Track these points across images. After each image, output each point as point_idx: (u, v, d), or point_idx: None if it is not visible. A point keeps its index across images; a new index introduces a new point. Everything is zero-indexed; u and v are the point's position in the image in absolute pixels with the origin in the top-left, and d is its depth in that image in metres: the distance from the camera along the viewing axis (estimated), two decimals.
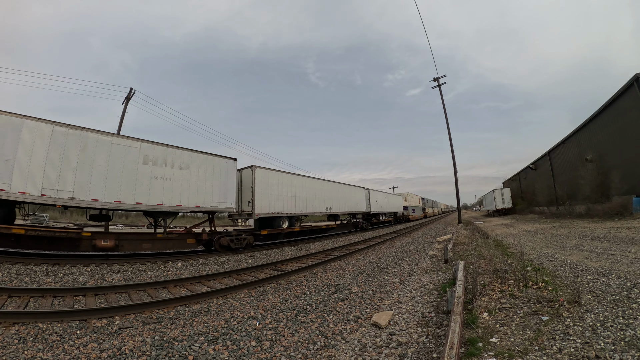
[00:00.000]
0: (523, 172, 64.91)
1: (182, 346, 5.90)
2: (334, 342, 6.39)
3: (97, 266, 13.38)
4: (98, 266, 13.39)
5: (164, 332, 6.63)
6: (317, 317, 7.85)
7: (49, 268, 12.28)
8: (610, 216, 24.54)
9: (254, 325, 7.15)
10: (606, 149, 30.04)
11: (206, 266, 15.27)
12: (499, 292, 7.99)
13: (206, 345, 6.02)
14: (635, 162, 25.36)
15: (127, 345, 5.80)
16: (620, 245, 13.14)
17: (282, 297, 9.57)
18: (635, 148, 25.34)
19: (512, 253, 12.54)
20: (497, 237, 20.54)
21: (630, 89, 24.97)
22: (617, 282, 7.98)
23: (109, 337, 6.31)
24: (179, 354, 5.60)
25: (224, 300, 9.39)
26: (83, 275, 11.94)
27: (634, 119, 25.02)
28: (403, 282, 11.19)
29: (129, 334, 6.51)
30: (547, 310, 6.49)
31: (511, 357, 4.81)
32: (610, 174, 27.58)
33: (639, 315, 5.73)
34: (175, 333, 6.56)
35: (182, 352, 5.66)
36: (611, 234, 16.75)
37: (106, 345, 5.80)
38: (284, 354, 5.81)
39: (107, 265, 13.73)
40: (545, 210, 41.19)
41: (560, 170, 43.09)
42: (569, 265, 10.50)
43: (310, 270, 13.86)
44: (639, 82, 23.72)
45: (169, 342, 6.03)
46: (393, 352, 5.70)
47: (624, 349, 4.66)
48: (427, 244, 22.28)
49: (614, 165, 27.67)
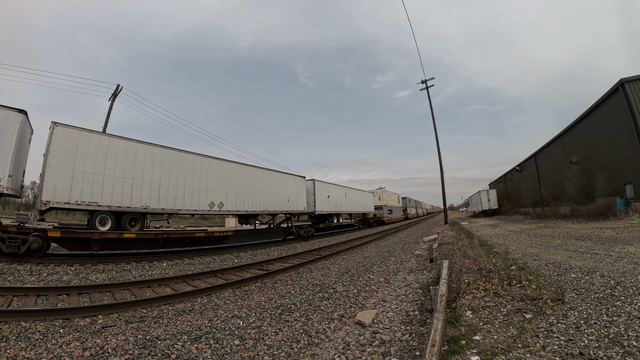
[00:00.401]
0: (509, 174, 65.48)
1: (165, 345, 5.84)
2: (318, 340, 6.38)
3: (82, 265, 13.15)
4: (82, 265, 13.15)
5: (147, 331, 6.56)
6: (301, 316, 7.83)
7: (33, 267, 12.07)
8: (594, 217, 24.79)
9: (237, 324, 7.10)
10: (591, 152, 30.39)
11: (192, 266, 15.11)
12: (483, 291, 7.98)
13: (189, 344, 5.96)
14: (619, 164, 25.71)
15: (109, 344, 5.72)
16: (604, 245, 13.25)
17: (267, 297, 9.51)
18: (619, 151, 25.70)
19: (497, 253, 12.58)
20: (482, 237, 20.64)
21: (616, 94, 25.28)
22: (601, 280, 8.04)
23: (92, 335, 6.21)
24: (162, 353, 5.54)
25: (208, 299, 9.31)
26: (67, 274, 11.73)
27: (618, 123, 25.33)
28: (388, 281, 11.19)
29: (112, 332, 6.43)
30: (530, 308, 6.49)
31: (494, 355, 4.78)
32: (594, 176, 27.95)
33: (623, 313, 5.76)
34: (158, 332, 6.49)
35: (165, 351, 5.60)
36: (595, 234, 16.93)
37: (89, 344, 5.71)
38: (267, 353, 5.77)
39: (92, 264, 13.51)
40: (531, 211, 41.62)
41: (546, 172, 43.52)
42: (552, 264, 10.57)
43: (295, 269, 13.82)
44: (624, 87, 23.99)
45: (152, 341, 5.97)
46: (376, 350, 5.68)
47: (608, 346, 4.66)
48: (413, 244, 22.36)
49: (599, 168, 28.04)
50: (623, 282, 7.66)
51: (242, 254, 19.46)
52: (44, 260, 13.01)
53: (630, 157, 24.10)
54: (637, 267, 8.94)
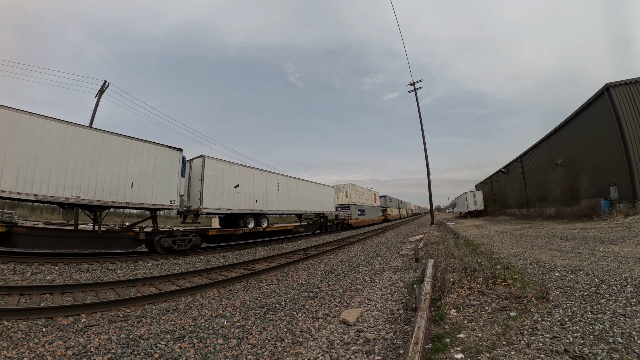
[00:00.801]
0: (495, 176, 65.88)
1: (148, 344, 5.78)
2: (302, 339, 6.33)
3: (66, 265, 13.01)
4: (67, 265, 13.02)
5: (130, 330, 6.48)
6: (286, 315, 7.78)
7: (17, 266, 11.92)
8: (579, 218, 25.14)
9: (221, 324, 7.03)
10: (576, 154, 30.75)
11: (177, 265, 14.98)
12: (467, 289, 8.01)
13: (172, 343, 5.89)
14: (604, 166, 26.06)
15: (92, 343, 5.64)
16: (589, 244, 13.38)
17: (252, 296, 9.43)
18: (603, 154, 26.07)
19: (482, 252, 12.64)
20: (468, 237, 20.73)
21: (601, 98, 25.60)
22: (586, 278, 8.10)
23: (75, 334, 6.13)
24: (145, 352, 5.48)
25: (192, 298, 9.23)
26: (51, 273, 11.60)
27: (603, 126, 25.66)
28: (374, 281, 11.18)
29: (95, 331, 6.34)
30: (515, 307, 6.51)
31: (478, 353, 4.76)
32: (579, 177, 28.31)
33: (608, 310, 5.80)
34: (141, 331, 6.41)
35: (148, 350, 5.54)
36: (580, 234, 17.10)
37: (72, 343, 5.63)
38: (251, 352, 5.72)
39: (76, 264, 13.36)
40: (516, 212, 41.93)
41: (531, 174, 43.90)
42: (537, 263, 10.64)
43: (281, 269, 13.77)
44: (609, 91, 24.30)
45: (135, 340, 5.90)
46: (360, 348, 5.66)
47: (594, 343, 4.67)
48: (399, 244, 22.45)
49: (583, 170, 28.37)
50: (607, 280, 7.72)
51: (228, 254, 19.37)
52: (28, 260, 12.87)
53: (615, 160, 24.41)
54: (621, 266, 9.03)
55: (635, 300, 6.19)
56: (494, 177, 66.76)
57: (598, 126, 26.48)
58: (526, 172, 46.50)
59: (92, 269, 12.92)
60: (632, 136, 23.00)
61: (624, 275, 7.93)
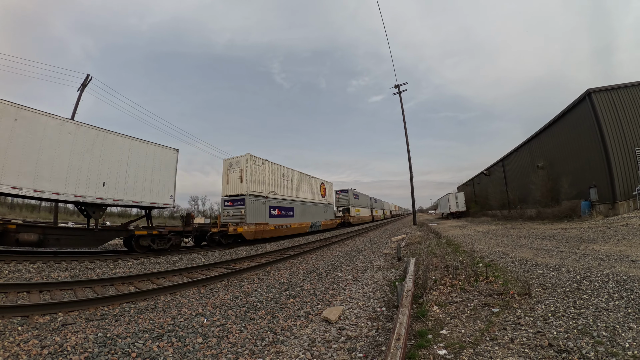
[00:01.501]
0: (477, 178, 66.47)
1: (126, 343, 5.66)
2: (283, 337, 6.25)
3: (45, 263, 12.77)
4: (45, 263, 12.78)
5: (107, 329, 6.35)
6: (267, 313, 7.67)
7: None
8: (559, 219, 25.46)
9: (201, 322, 6.92)
10: (557, 157, 31.28)
11: (157, 265, 14.74)
12: (449, 287, 8.02)
13: (150, 342, 5.77)
14: (584, 169, 26.60)
15: (69, 342, 5.53)
16: (569, 243, 13.53)
17: (233, 295, 9.31)
18: (584, 157, 26.59)
19: (464, 251, 12.69)
20: (450, 237, 20.89)
21: (582, 103, 26.09)
22: (567, 275, 8.16)
23: (51, 333, 6.00)
24: (122, 351, 5.37)
25: (172, 297, 9.09)
26: (29, 272, 11.39)
27: (583, 130, 26.18)
28: (356, 279, 11.13)
29: (72, 330, 6.22)
30: (497, 303, 6.50)
31: (462, 348, 4.72)
32: (560, 180, 28.71)
33: (590, 305, 5.82)
34: (119, 330, 6.29)
35: (125, 349, 5.43)
36: (560, 233, 17.30)
37: (48, 342, 5.51)
38: (231, 351, 5.63)
39: (55, 262, 13.14)
40: (498, 213, 42.27)
41: (513, 177, 44.39)
42: (519, 261, 10.72)
43: (263, 268, 13.65)
44: (590, 97, 24.77)
45: (112, 339, 5.78)
46: (342, 346, 5.60)
47: (578, 337, 4.66)
48: (382, 244, 22.44)
49: (564, 172, 28.80)
50: (589, 276, 7.78)
51: (209, 254, 19.20)
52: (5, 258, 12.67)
53: (595, 163, 24.89)
54: (602, 263, 9.12)
55: (618, 295, 6.23)
56: (476, 179, 67.37)
57: (579, 130, 26.95)
58: (508, 175, 46.99)
59: (70, 267, 12.71)
60: (612, 140, 23.48)
61: (605, 272, 8.00)
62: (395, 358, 3.81)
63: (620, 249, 11.20)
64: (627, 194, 22.53)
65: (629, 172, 22.97)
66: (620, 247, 11.41)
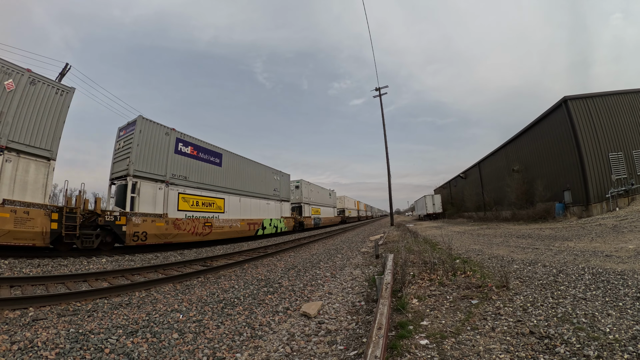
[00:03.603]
0: (453, 181, 67.24)
1: (99, 339, 5.49)
2: (261, 332, 6.16)
3: (16, 259, 12.50)
4: (17, 259, 12.51)
5: (80, 325, 6.17)
6: (244, 309, 7.57)
7: None
8: (534, 220, 26.01)
9: (177, 318, 6.77)
10: (532, 161, 32.04)
11: (132, 262, 14.53)
12: (428, 281, 8.06)
13: (124, 338, 5.62)
14: (558, 173, 27.34)
15: (40, 338, 5.36)
16: (544, 241, 13.77)
17: (209, 291, 9.18)
18: (559, 161, 27.33)
19: (442, 249, 12.83)
20: (428, 236, 21.08)
21: (559, 109, 26.80)
22: (544, 269, 8.29)
23: (22, 329, 5.82)
24: (95, 347, 5.21)
25: (147, 293, 8.92)
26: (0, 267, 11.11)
27: (559, 136, 26.92)
28: (334, 276, 11.10)
29: (43, 325, 6.04)
30: (476, 295, 6.54)
31: (444, 338, 4.72)
32: (535, 183, 29.39)
33: (568, 295, 5.92)
34: (92, 326, 6.11)
35: (98, 345, 5.27)
36: (535, 233, 17.64)
37: (18, 337, 5.33)
38: (208, 346, 5.52)
39: (27, 258, 12.85)
40: (474, 215, 42.84)
41: (489, 179, 45.04)
42: (495, 257, 10.87)
43: (240, 265, 13.53)
44: (567, 103, 25.50)
45: (85, 335, 5.61)
46: (322, 339, 5.55)
47: (558, 324, 4.71)
48: (360, 243, 22.51)
49: (539, 175, 29.56)
50: (565, 270, 7.93)
51: (186, 252, 19.06)
52: None
53: (569, 167, 25.62)
54: (578, 258, 9.30)
55: (595, 286, 6.36)
56: (452, 182, 68.15)
57: (555, 135, 27.66)
58: (484, 178, 47.64)
59: (43, 264, 12.44)
60: (587, 145, 24.20)
61: (580, 266, 8.17)
62: (377, 347, 3.76)
63: (595, 245, 11.43)
64: (601, 196, 23.19)
65: (602, 176, 23.74)
66: (595, 244, 11.64)
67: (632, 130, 24.95)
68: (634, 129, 24.97)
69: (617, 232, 13.75)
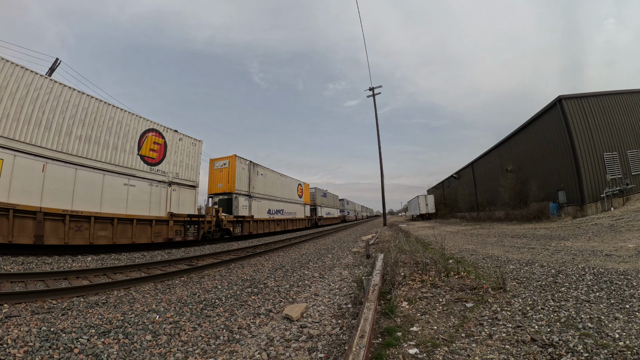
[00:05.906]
0: (447, 181, 67.47)
1: (69, 338, 5.25)
2: (239, 336, 5.81)
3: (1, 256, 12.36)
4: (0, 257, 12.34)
5: (52, 323, 5.96)
6: (225, 310, 7.23)
7: None
8: (528, 220, 26.00)
9: (153, 319, 6.43)
10: (526, 161, 32.06)
11: (118, 261, 14.31)
12: (419, 282, 7.72)
13: (96, 338, 5.35)
14: (552, 173, 27.32)
15: (10, 335, 5.22)
16: (540, 241, 13.60)
17: (191, 291, 8.85)
18: (553, 161, 27.30)
19: (434, 249, 12.59)
20: (420, 236, 20.91)
21: (553, 109, 26.80)
22: (541, 270, 8.02)
23: None
24: (64, 347, 4.97)
25: (125, 292, 8.68)
26: None
27: (553, 135, 26.88)
28: (323, 277, 10.76)
29: (16, 323, 5.92)
30: (471, 298, 6.18)
31: (435, 346, 4.33)
32: (528, 183, 29.51)
33: (570, 298, 5.60)
34: (65, 324, 5.87)
35: (68, 345, 5.03)
36: (530, 232, 17.52)
37: None
38: (181, 350, 5.18)
39: (11, 256, 12.70)
40: (467, 215, 42.77)
41: (482, 180, 45.10)
42: (490, 257, 10.61)
43: (226, 265, 13.22)
44: (561, 103, 25.50)
45: (56, 334, 5.38)
46: (302, 345, 5.18)
47: (562, 330, 4.37)
48: (351, 243, 22.31)
49: (533, 176, 29.65)
50: (564, 270, 7.69)
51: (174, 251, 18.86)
52: None
53: (564, 167, 25.60)
54: (576, 258, 9.10)
55: (597, 287, 6.09)
56: (446, 183, 68.35)
57: (549, 135, 27.64)
58: (477, 178, 47.71)
59: (27, 261, 12.30)
60: (581, 145, 24.18)
61: (580, 266, 7.95)
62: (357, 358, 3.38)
63: (593, 244, 11.23)
64: (595, 196, 23.16)
65: (597, 176, 23.73)
66: (593, 244, 11.44)
67: (627, 130, 25.04)
68: (628, 130, 25.06)
69: (614, 231, 13.58)
